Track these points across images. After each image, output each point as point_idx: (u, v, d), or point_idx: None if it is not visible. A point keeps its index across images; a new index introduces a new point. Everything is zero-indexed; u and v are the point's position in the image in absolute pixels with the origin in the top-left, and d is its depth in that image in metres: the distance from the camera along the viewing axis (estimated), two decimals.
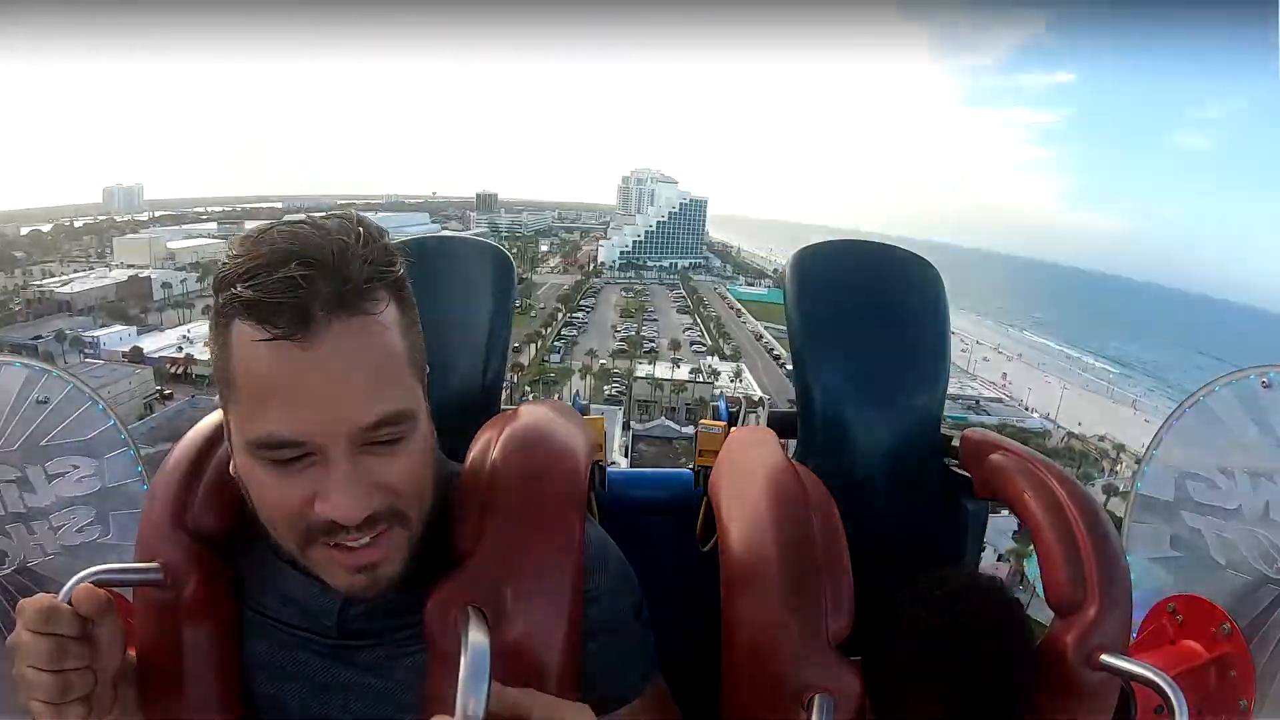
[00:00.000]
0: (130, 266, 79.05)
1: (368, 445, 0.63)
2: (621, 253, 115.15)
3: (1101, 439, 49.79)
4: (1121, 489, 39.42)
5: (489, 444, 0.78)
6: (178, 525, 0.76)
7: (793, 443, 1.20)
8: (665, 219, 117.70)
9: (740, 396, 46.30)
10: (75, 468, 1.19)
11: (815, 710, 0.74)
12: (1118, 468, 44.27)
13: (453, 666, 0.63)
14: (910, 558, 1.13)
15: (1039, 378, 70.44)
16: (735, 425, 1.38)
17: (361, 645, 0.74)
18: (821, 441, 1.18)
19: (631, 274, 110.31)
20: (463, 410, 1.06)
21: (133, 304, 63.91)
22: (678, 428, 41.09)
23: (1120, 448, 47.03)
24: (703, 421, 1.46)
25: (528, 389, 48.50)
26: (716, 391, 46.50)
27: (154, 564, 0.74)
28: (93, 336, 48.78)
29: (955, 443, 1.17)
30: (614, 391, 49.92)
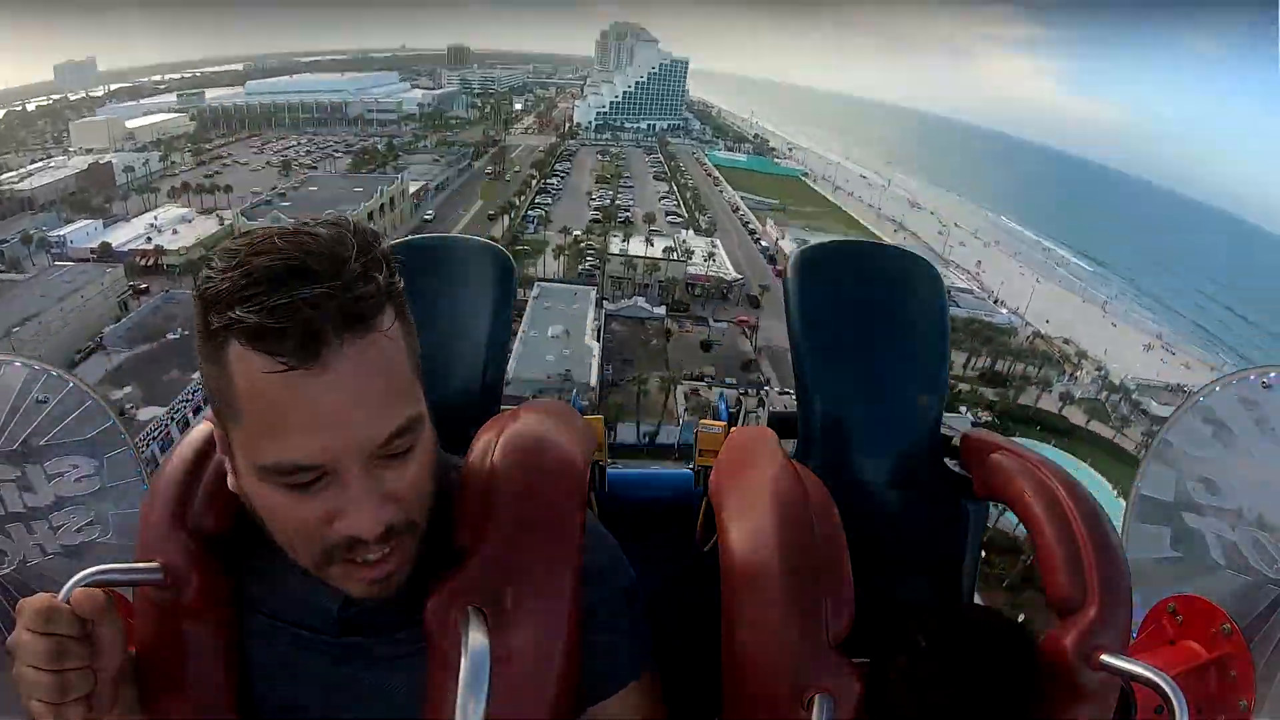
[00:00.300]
0: (89, 151, 73.94)
1: (381, 459, 0.63)
2: (598, 113, 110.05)
3: (1066, 342, 48.58)
4: (1078, 396, 39.08)
5: (489, 444, 0.78)
6: (178, 525, 0.76)
7: (793, 443, 1.20)
8: (644, 79, 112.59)
9: (714, 275, 45.03)
10: (75, 468, 1.19)
11: (815, 710, 0.74)
12: (1078, 374, 43.28)
13: (453, 667, 0.63)
14: (911, 558, 1.13)
15: (1014, 269, 67.17)
16: (735, 425, 1.38)
17: (361, 642, 0.74)
18: (821, 441, 1.18)
19: (608, 136, 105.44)
20: (463, 410, 1.06)
21: (95, 193, 60.50)
22: (650, 308, 40.17)
23: (1082, 354, 46.04)
24: (703, 421, 1.46)
25: None
26: (690, 269, 44.62)
27: (154, 564, 0.74)
28: (58, 236, 46.50)
29: (955, 443, 1.17)
30: (588, 267, 47.58)
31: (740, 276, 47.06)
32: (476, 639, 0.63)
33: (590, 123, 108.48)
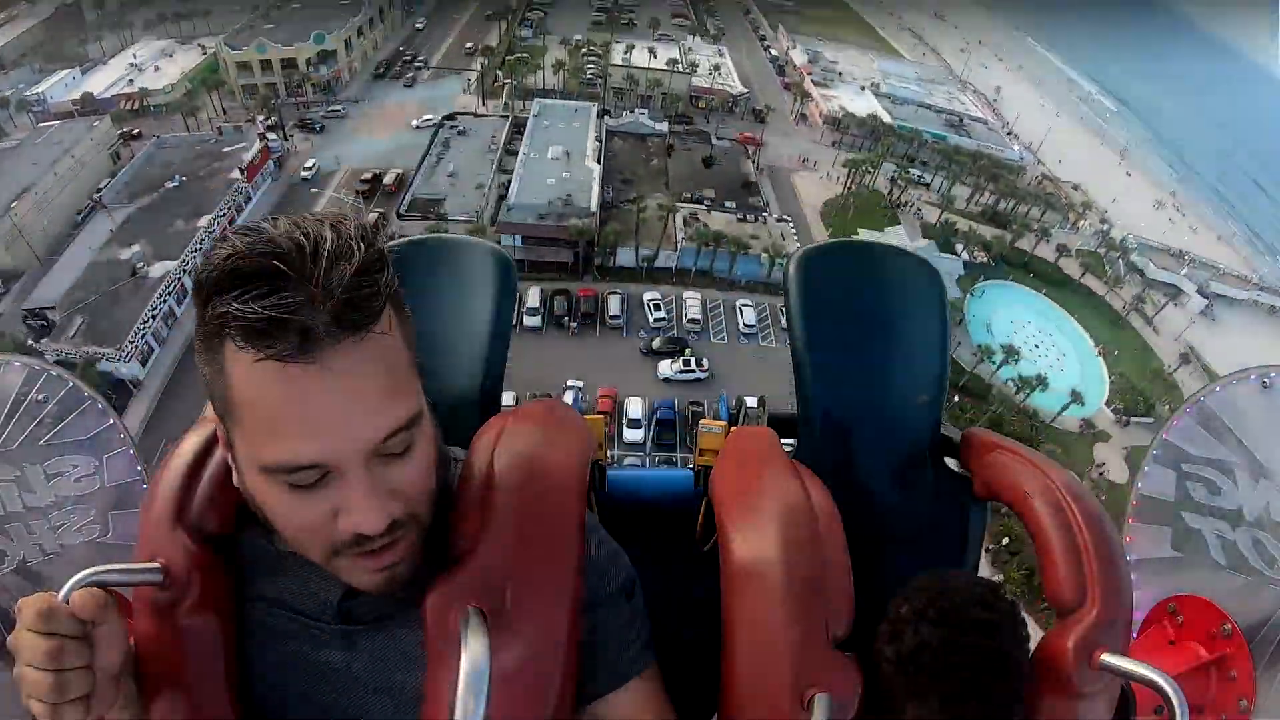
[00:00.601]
0: None
1: (382, 457, 0.64)
2: None
3: (1075, 188, 45.22)
4: (1077, 248, 37.02)
5: (489, 444, 0.78)
6: (177, 525, 0.76)
7: (793, 443, 1.20)
8: None
9: (719, 88, 41.62)
10: (75, 467, 1.19)
11: (816, 709, 0.74)
12: (1080, 223, 40.73)
13: (452, 666, 0.63)
14: (911, 558, 1.13)
15: (1034, 100, 59.83)
16: (735, 425, 1.38)
17: (362, 631, 0.74)
18: (821, 441, 1.18)
19: None
20: (463, 410, 1.06)
21: (68, 37, 56.06)
22: (651, 124, 38.50)
23: (1088, 205, 42.72)
24: (703, 422, 1.46)
25: (499, 73, 41.79)
26: (694, 81, 42.17)
27: (153, 564, 0.74)
28: (37, 94, 43.65)
29: (955, 442, 1.17)
30: (589, 76, 44.09)
31: (746, 91, 44.04)
32: (476, 639, 0.63)
33: None
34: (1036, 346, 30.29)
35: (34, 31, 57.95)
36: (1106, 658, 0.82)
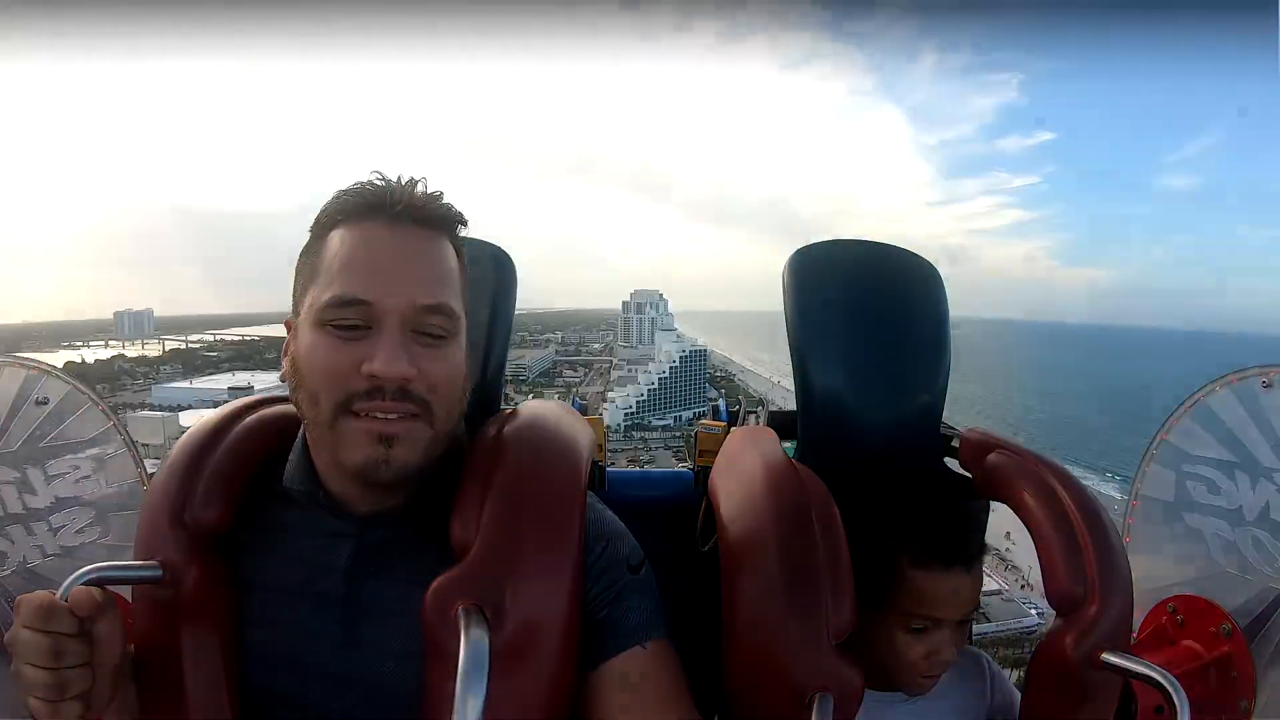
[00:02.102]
0: (145, 447, 74.42)
1: (418, 333, 0.73)
2: (626, 414, 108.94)
3: None
4: None
5: (489, 441, 0.78)
6: (176, 523, 0.76)
7: (793, 443, 1.20)
8: (667, 374, 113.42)
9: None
10: (75, 468, 1.19)
11: (816, 709, 0.74)
12: None
13: (452, 663, 0.63)
14: None
15: None
16: (735, 425, 1.37)
17: (367, 600, 0.75)
18: (821, 441, 1.18)
19: (638, 437, 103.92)
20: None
21: None
22: None
23: None
24: (702, 422, 1.46)
25: None
26: None
27: (153, 562, 0.74)
28: None
29: (955, 443, 1.17)
30: None
31: None
32: (476, 635, 0.63)
33: (620, 424, 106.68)
34: None
35: None
36: (1108, 656, 0.82)
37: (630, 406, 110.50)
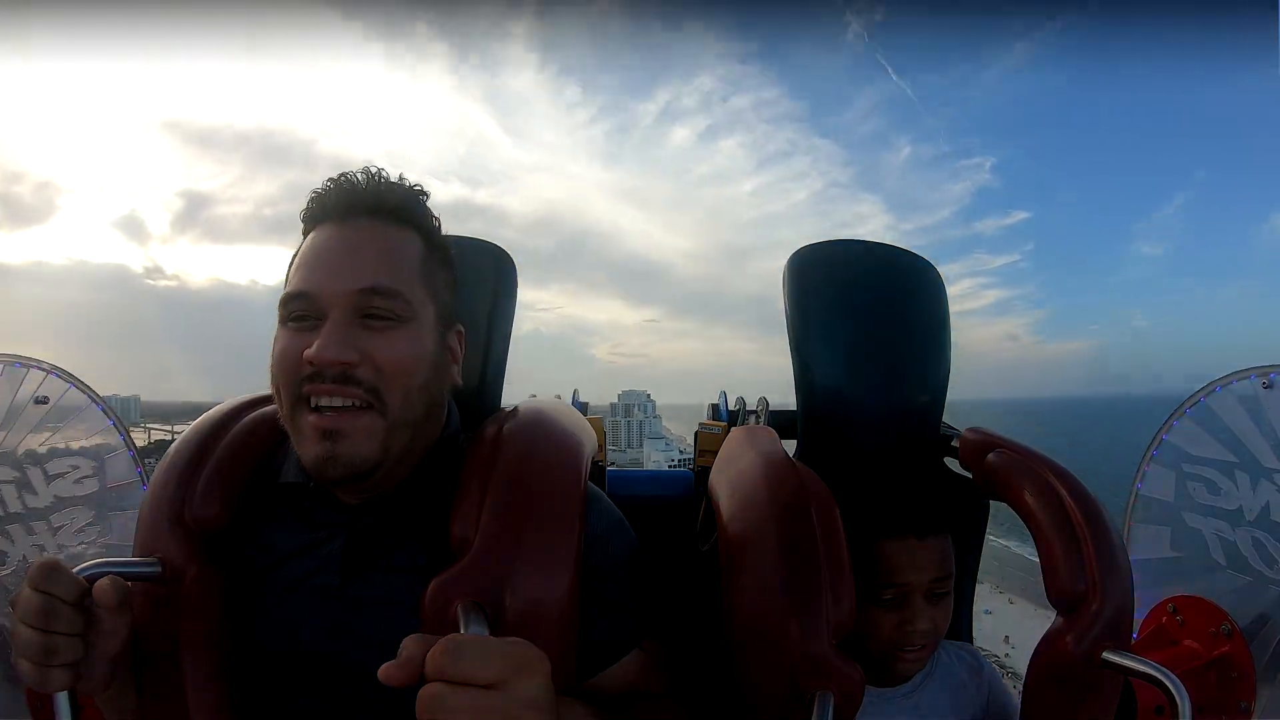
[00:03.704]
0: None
1: (364, 317, 0.72)
2: None
3: None
4: None
5: (489, 439, 0.78)
6: (176, 520, 0.76)
7: (793, 443, 1.20)
8: None
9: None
10: (75, 468, 1.19)
11: (816, 708, 0.74)
12: None
13: None
14: None
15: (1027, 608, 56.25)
16: (735, 425, 1.37)
17: (361, 628, 0.74)
18: (821, 441, 1.17)
19: None
20: (462, 410, 1.06)
21: None
22: None
23: None
24: (702, 422, 1.45)
25: None
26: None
27: (152, 558, 0.74)
28: None
29: (955, 442, 1.17)
30: None
31: None
32: (475, 631, 0.63)
33: None
34: None
35: None
36: (1109, 654, 0.82)
37: None
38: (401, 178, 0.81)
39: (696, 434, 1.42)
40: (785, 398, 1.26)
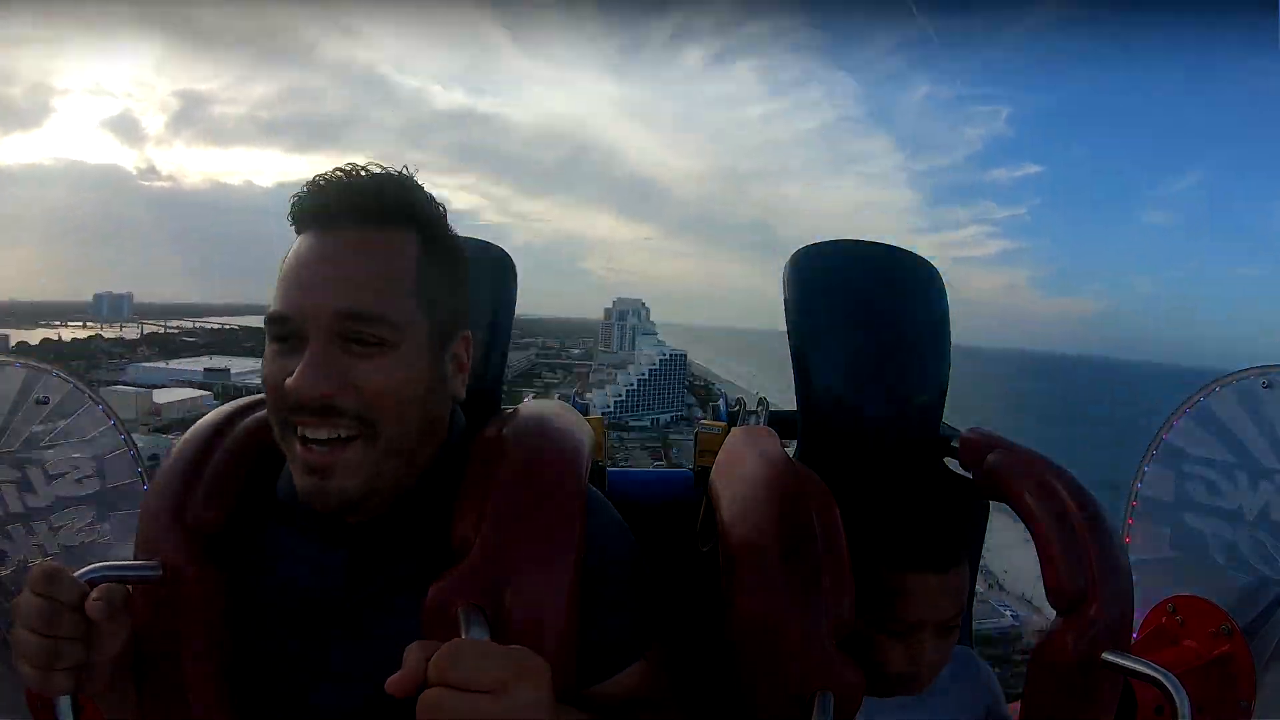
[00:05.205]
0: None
1: (346, 341, 0.67)
2: (603, 414, 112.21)
3: None
4: None
5: (489, 442, 0.78)
6: (177, 523, 0.76)
7: (793, 443, 1.20)
8: (646, 376, 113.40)
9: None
10: (75, 468, 1.19)
11: (817, 708, 0.74)
12: None
13: None
14: None
15: (1017, 533, 61.09)
16: (735, 425, 1.37)
17: (363, 632, 0.74)
18: (821, 441, 1.17)
19: (614, 436, 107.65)
20: (462, 410, 1.06)
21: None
22: None
23: None
24: (702, 422, 1.45)
25: None
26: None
27: (153, 561, 0.74)
28: None
29: (955, 443, 1.17)
30: None
31: None
32: (476, 635, 0.63)
33: None
34: None
35: None
36: (1109, 655, 0.82)
37: (608, 407, 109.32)
38: (393, 169, 0.74)
39: (696, 434, 1.42)
40: (784, 397, 1.26)
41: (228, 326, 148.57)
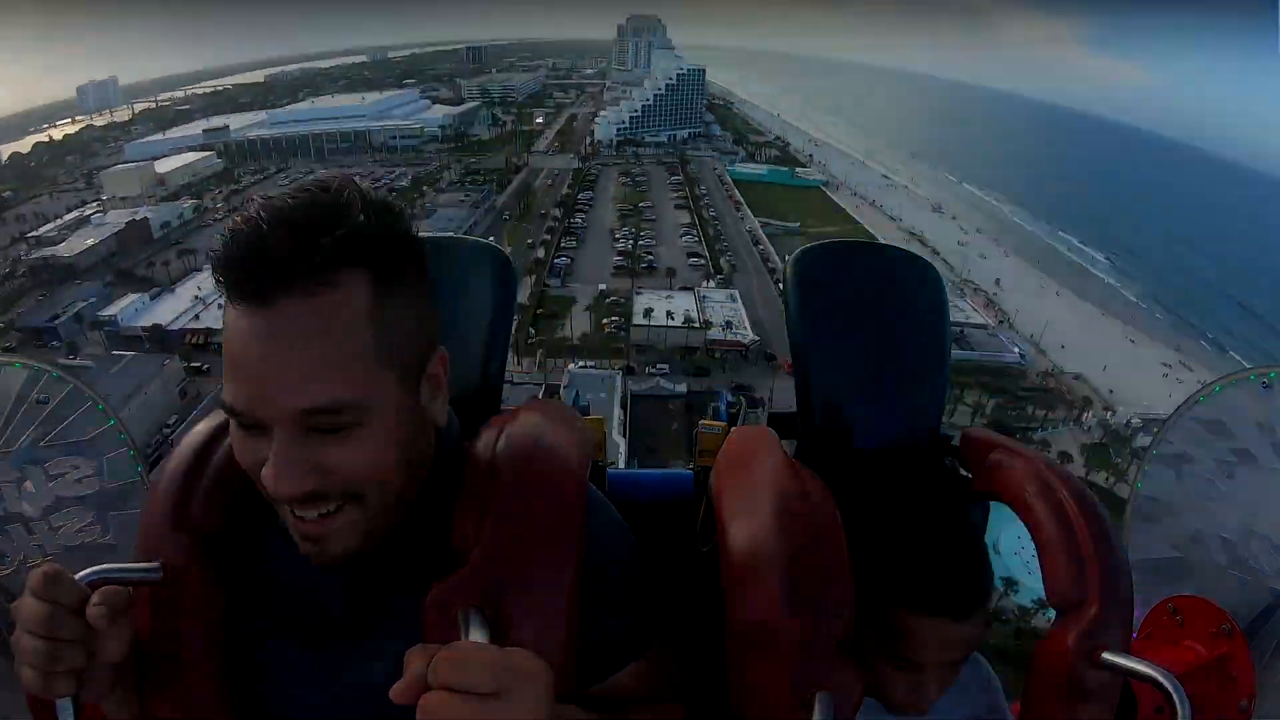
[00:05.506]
0: (124, 201, 69.97)
1: (314, 429, 0.63)
2: (619, 129, 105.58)
3: (1077, 377, 45.68)
4: (1081, 444, 36.68)
5: (488, 443, 0.78)
6: (178, 525, 0.76)
7: (793, 443, 1.20)
8: (663, 90, 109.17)
9: (732, 339, 45.80)
10: (75, 468, 1.19)
11: (816, 708, 0.74)
12: (1084, 416, 41.01)
13: None
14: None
15: (1034, 283, 61.29)
16: (735, 425, 1.38)
17: (363, 635, 0.74)
18: (821, 441, 1.18)
19: (630, 153, 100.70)
20: (462, 411, 1.06)
21: (137, 253, 59.43)
22: (671, 386, 41.15)
23: (1087, 401, 42.56)
24: (703, 422, 1.46)
25: (530, 329, 47.17)
26: (710, 335, 46.17)
27: (154, 564, 0.74)
28: (109, 315, 46.98)
29: (955, 442, 1.17)
30: (612, 328, 48.31)
31: (757, 338, 46.59)
32: (476, 637, 0.63)
33: (612, 139, 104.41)
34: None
35: (107, 243, 60.49)
36: (1108, 655, 0.82)
37: (623, 122, 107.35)
38: (324, 182, 0.63)
39: (696, 434, 1.43)
40: (784, 398, 1.26)
41: (221, 88, 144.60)
